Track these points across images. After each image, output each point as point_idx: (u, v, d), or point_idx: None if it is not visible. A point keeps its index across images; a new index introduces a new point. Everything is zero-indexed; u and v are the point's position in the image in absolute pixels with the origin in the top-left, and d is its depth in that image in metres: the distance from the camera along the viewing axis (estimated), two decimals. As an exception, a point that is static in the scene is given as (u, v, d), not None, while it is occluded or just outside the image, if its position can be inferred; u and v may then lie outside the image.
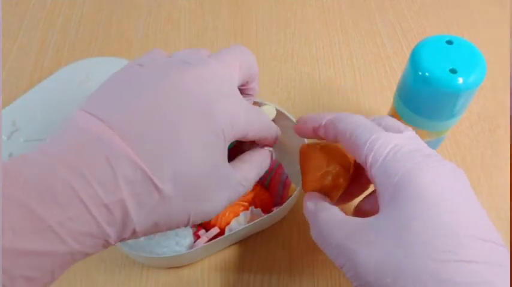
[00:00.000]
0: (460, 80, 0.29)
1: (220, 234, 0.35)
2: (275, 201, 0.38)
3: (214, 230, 0.35)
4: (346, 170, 0.29)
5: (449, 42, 0.31)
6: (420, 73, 0.30)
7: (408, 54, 0.33)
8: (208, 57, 0.27)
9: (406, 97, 0.33)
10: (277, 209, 0.35)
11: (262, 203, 0.37)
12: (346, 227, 0.25)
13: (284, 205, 0.35)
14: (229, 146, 0.27)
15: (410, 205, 0.23)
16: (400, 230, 0.22)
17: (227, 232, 0.34)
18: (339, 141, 0.28)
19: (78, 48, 0.52)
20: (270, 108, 0.34)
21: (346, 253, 0.24)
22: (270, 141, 0.30)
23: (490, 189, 0.41)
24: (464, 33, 0.53)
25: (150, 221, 0.23)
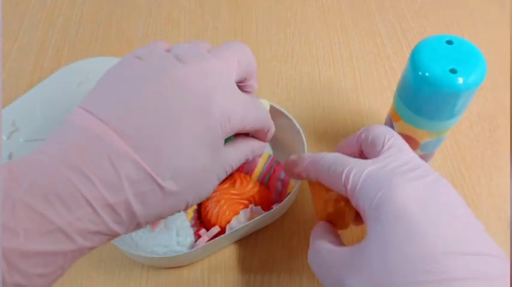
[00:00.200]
0: (460, 80, 0.29)
1: (221, 233, 0.35)
2: (274, 198, 0.38)
3: (215, 229, 0.35)
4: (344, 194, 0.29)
5: (449, 42, 0.31)
6: (420, 73, 0.30)
7: (408, 54, 0.33)
8: (207, 52, 0.27)
9: (406, 97, 0.33)
10: (277, 206, 0.35)
11: (262, 201, 0.37)
12: (336, 256, 0.25)
13: (284, 202, 0.35)
14: (228, 139, 0.27)
15: (388, 227, 0.23)
16: (381, 254, 0.22)
17: (228, 231, 0.34)
18: (320, 180, 0.29)
19: (78, 48, 0.52)
20: (263, 102, 0.34)
21: (335, 281, 0.24)
22: (265, 134, 0.30)
23: (490, 189, 0.41)
24: (464, 33, 0.53)
25: (154, 215, 0.23)
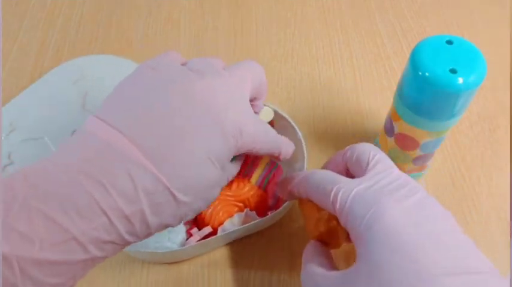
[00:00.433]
0: (460, 80, 0.29)
1: (213, 233, 0.35)
2: (271, 203, 0.38)
3: (207, 229, 0.35)
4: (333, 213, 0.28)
5: (449, 42, 0.31)
6: (420, 73, 0.30)
7: (408, 54, 0.33)
8: (222, 69, 0.28)
9: (406, 97, 0.33)
10: (272, 214, 0.35)
11: (258, 205, 0.37)
12: (328, 282, 0.25)
13: (279, 210, 0.35)
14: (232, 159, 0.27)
15: (378, 253, 0.23)
16: (371, 280, 0.22)
17: (220, 232, 0.34)
18: (310, 198, 0.29)
19: (78, 48, 0.52)
20: (267, 109, 0.34)
21: None
22: (277, 156, 0.31)
23: (490, 189, 0.41)
24: (464, 33, 0.53)
25: (163, 225, 0.24)
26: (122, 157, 0.22)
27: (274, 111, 0.38)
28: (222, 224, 0.35)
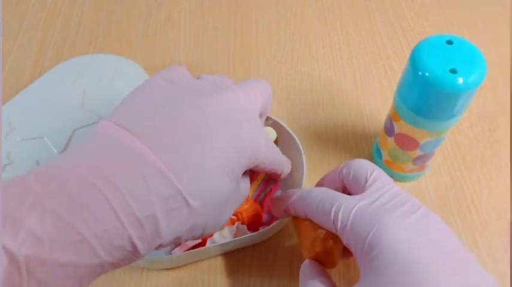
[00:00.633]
0: (460, 80, 0.29)
1: (202, 244, 0.34)
2: (266, 218, 0.37)
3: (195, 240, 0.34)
4: (333, 231, 0.28)
5: (449, 42, 0.31)
6: (420, 73, 0.30)
7: (408, 54, 0.33)
8: (233, 85, 0.28)
9: (406, 97, 0.33)
10: (263, 230, 0.34)
11: (250, 219, 0.36)
12: None
13: (271, 226, 0.34)
14: None
15: (382, 273, 0.23)
16: None
17: (208, 244, 0.34)
18: (308, 216, 0.29)
19: (78, 48, 0.52)
20: (270, 130, 0.35)
21: None
22: (279, 175, 0.31)
23: (490, 189, 0.41)
24: (464, 33, 0.53)
25: (175, 235, 0.23)
26: (137, 159, 0.21)
27: (272, 119, 0.38)
28: (211, 236, 0.34)
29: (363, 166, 0.29)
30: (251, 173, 0.36)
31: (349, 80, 0.49)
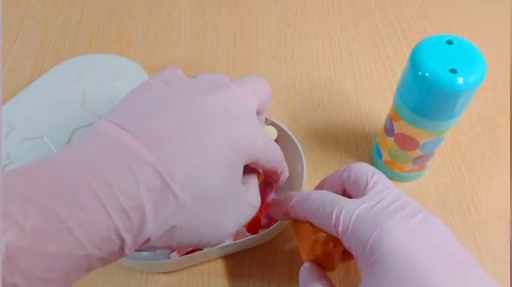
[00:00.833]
0: (460, 80, 0.29)
1: (199, 249, 0.34)
2: (265, 222, 0.37)
3: None
4: (334, 235, 0.28)
5: (449, 42, 0.31)
6: (420, 73, 0.30)
7: (408, 54, 0.33)
8: (231, 82, 0.28)
9: (406, 97, 0.33)
10: (263, 232, 0.34)
11: (250, 223, 0.36)
12: None
13: (270, 229, 0.34)
14: None
15: (384, 275, 0.23)
16: None
17: (205, 248, 0.34)
18: (308, 219, 0.29)
19: (78, 48, 0.52)
20: (271, 128, 0.35)
21: None
22: (278, 175, 0.30)
23: (490, 189, 0.41)
24: (464, 33, 0.53)
25: (164, 231, 0.22)
26: (124, 151, 0.21)
27: (270, 121, 0.38)
28: None
29: (364, 169, 0.29)
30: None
31: (349, 80, 0.49)
